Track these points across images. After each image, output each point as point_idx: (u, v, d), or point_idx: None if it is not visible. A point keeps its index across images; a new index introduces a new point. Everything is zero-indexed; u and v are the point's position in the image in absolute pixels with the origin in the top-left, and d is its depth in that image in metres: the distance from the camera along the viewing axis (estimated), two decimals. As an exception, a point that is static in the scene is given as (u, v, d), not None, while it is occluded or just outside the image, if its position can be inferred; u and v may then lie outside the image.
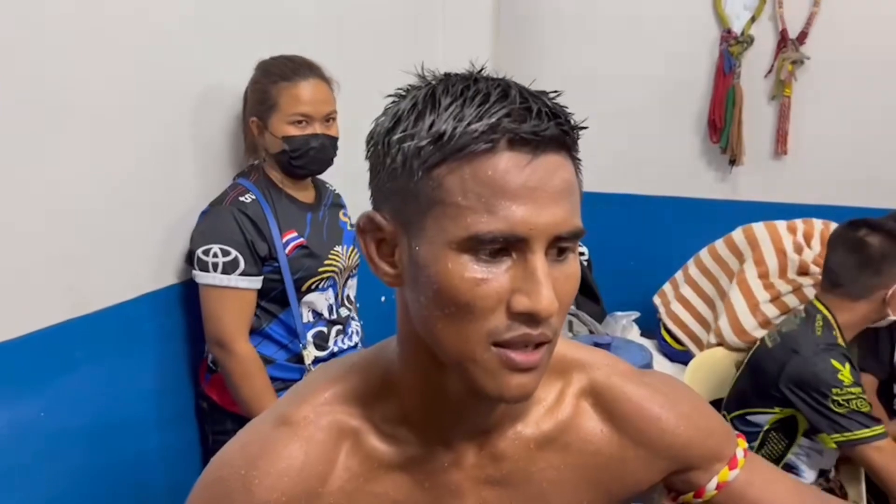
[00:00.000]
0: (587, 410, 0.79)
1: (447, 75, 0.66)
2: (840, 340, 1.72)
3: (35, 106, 1.34)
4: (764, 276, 2.17)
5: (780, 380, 1.71)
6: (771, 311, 2.10)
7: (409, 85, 0.67)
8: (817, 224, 2.22)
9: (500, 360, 0.62)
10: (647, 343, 2.40)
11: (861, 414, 1.64)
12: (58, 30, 1.37)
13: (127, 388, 1.61)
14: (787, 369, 1.70)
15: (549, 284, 0.61)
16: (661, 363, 2.35)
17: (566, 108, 0.64)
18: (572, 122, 0.64)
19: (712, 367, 2.08)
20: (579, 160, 0.66)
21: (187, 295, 1.73)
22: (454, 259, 0.61)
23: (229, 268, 1.60)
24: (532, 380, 0.64)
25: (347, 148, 2.18)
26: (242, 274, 1.61)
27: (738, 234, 2.31)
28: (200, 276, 1.62)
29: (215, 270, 1.60)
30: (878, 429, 1.64)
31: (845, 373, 1.64)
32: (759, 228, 2.26)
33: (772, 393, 1.75)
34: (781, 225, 2.24)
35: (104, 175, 1.49)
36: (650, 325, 2.54)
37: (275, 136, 1.66)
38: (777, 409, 1.76)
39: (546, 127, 0.61)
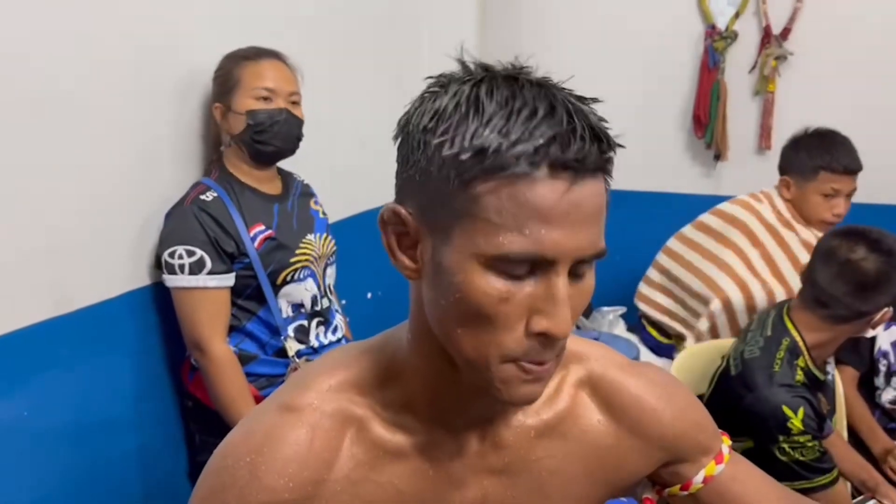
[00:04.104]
0: (585, 401, 0.80)
1: (489, 71, 0.65)
2: (800, 375, 1.56)
3: (15, 105, 1.32)
4: (767, 258, 2.17)
5: (739, 415, 1.57)
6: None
7: (452, 73, 0.66)
8: (765, 190, 2.24)
9: (514, 372, 0.64)
10: (634, 338, 2.41)
11: (802, 464, 1.50)
12: (34, 28, 1.35)
13: (112, 387, 1.60)
14: (742, 406, 1.55)
15: (569, 307, 0.62)
16: (647, 358, 2.35)
17: (605, 120, 0.63)
18: (611, 141, 0.63)
19: (698, 361, 2.09)
20: (611, 177, 0.65)
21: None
22: (479, 273, 0.61)
23: (196, 268, 1.58)
24: (541, 387, 0.66)
25: (328, 143, 2.18)
26: (210, 273, 1.58)
27: (707, 217, 2.30)
28: (169, 280, 1.59)
29: (182, 272, 1.57)
30: (821, 480, 1.51)
31: (795, 421, 1.49)
32: (726, 206, 2.27)
33: (737, 423, 1.56)
34: (745, 197, 2.26)
35: (87, 172, 1.48)
36: (636, 319, 2.55)
37: (238, 114, 1.63)
38: (748, 440, 1.60)
39: (588, 153, 0.60)
